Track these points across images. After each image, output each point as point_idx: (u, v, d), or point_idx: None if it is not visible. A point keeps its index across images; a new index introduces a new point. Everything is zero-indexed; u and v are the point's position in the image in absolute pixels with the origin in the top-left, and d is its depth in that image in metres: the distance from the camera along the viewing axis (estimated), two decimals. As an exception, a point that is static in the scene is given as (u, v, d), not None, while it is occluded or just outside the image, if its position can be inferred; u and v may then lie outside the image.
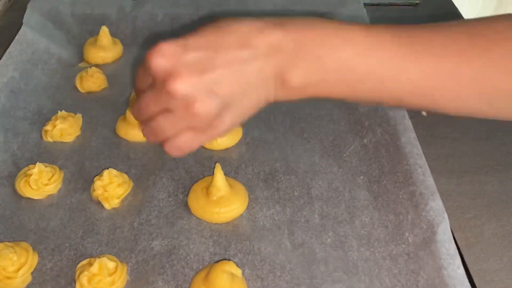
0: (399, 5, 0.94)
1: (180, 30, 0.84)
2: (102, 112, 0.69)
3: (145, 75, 0.41)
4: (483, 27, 0.40)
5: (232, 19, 0.41)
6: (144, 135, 0.43)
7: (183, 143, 0.41)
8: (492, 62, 0.39)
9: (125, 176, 0.58)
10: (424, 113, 0.60)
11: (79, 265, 0.49)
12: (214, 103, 0.39)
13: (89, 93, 0.73)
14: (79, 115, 0.66)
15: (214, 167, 0.55)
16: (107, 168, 0.57)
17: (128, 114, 0.64)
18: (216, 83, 0.39)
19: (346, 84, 0.41)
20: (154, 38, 0.86)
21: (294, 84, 0.40)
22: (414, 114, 0.64)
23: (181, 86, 0.38)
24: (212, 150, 0.63)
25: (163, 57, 0.39)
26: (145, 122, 0.42)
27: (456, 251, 0.48)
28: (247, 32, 0.40)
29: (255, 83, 0.41)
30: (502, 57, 0.39)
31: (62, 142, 0.64)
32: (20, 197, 0.57)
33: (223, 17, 0.42)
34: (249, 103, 0.41)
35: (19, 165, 0.60)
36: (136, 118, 0.44)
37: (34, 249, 0.51)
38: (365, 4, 0.84)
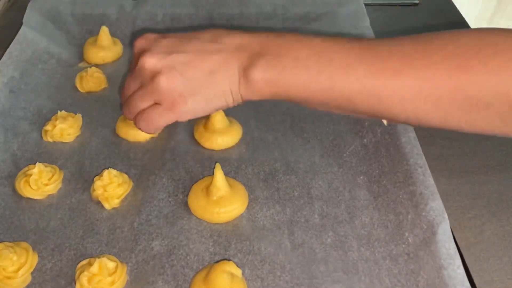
0: (399, 5, 0.94)
1: (180, 30, 0.84)
2: (102, 112, 0.69)
3: (132, 64, 0.49)
4: (429, 35, 0.42)
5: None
6: (123, 113, 0.49)
7: (150, 117, 0.47)
8: (434, 63, 0.40)
9: (125, 176, 0.58)
10: (384, 122, 0.60)
11: (79, 265, 0.49)
12: (177, 79, 0.44)
13: (89, 93, 0.73)
14: (79, 115, 0.66)
15: (214, 167, 0.55)
16: (107, 168, 0.57)
17: (128, 114, 0.65)
18: (181, 64, 0.45)
19: (301, 84, 0.44)
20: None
21: (255, 78, 0.44)
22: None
23: (150, 59, 0.45)
24: (212, 150, 0.63)
25: (144, 40, 0.47)
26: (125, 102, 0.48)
27: (456, 251, 0.48)
28: (219, 32, 0.47)
29: (219, 73, 0.45)
30: (443, 58, 0.40)
31: (62, 142, 0.64)
32: (20, 197, 0.57)
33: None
34: (213, 92, 0.45)
35: (19, 165, 0.60)
36: (121, 99, 0.50)
37: (34, 249, 0.51)
38: (365, 4, 0.84)
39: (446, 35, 0.41)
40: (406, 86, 0.41)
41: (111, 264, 0.48)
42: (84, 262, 0.49)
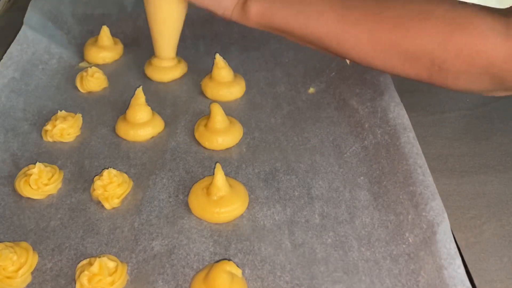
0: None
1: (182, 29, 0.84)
2: (102, 111, 0.69)
3: None
4: None
5: None
6: None
7: None
8: (384, 20, 0.51)
9: (125, 175, 0.58)
10: (347, 61, 0.70)
11: (79, 264, 0.49)
12: None
13: (89, 93, 0.73)
14: (79, 115, 0.66)
15: (214, 167, 0.55)
16: (107, 168, 0.57)
17: (128, 113, 0.65)
18: None
19: (284, 19, 0.55)
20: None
21: (248, 6, 0.56)
22: (417, 113, 0.64)
23: None
24: (213, 150, 0.63)
25: None
26: None
27: (457, 251, 0.48)
28: None
29: None
30: (392, 17, 0.51)
31: (62, 142, 0.64)
32: (20, 197, 0.57)
33: None
34: None
35: (19, 165, 0.60)
36: None
37: (34, 249, 0.51)
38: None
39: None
40: (360, 34, 0.53)
41: (111, 264, 0.48)
42: (84, 261, 0.49)
